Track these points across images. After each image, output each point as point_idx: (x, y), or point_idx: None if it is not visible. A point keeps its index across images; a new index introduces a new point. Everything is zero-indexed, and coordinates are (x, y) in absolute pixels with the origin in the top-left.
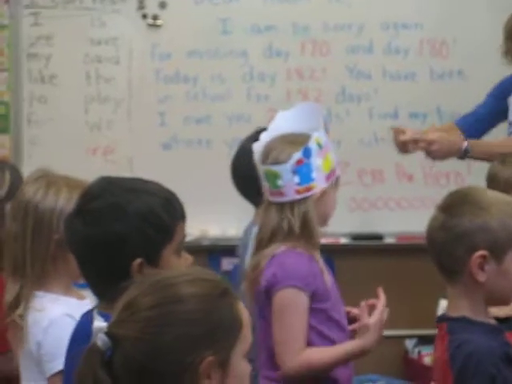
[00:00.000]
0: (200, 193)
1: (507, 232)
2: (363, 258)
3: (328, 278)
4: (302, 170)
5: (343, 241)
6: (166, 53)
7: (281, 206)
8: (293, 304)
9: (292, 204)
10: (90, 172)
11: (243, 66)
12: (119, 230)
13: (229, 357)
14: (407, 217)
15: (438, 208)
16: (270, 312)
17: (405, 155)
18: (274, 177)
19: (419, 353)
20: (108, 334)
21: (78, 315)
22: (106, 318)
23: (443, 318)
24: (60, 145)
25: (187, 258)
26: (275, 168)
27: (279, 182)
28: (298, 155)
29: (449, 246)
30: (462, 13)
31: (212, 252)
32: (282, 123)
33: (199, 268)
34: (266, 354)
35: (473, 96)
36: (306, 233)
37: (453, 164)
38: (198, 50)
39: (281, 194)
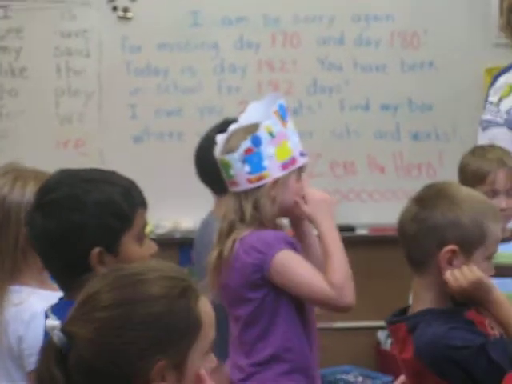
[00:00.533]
0: (172, 185)
1: (478, 229)
2: None
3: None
4: (252, 158)
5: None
6: (136, 45)
7: (237, 196)
8: (290, 259)
9: (246, 193)
10: (61, 165)
11: (214, 58)
12: (77, 219)
13: (185, 359)
14: (379, 208)
15: (412, 200)
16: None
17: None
18: (226, 166)
19: (391, 344)
20: (63, 330)
21: None
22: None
23: (400, 319)
24: (31, 138)
25: (150, 247)
26: (227, 157)
27: (231, 172)
28: (246, 144)
29: (419, 238)
30: (432, 4)
31: (183, 244)
32: (250, 115)
33: (164, 263)
34: (236, 340)
35: (444, 87)
36: (258, 221)
37: (424, 155)
38: (169, 43)
39: (234, 183)
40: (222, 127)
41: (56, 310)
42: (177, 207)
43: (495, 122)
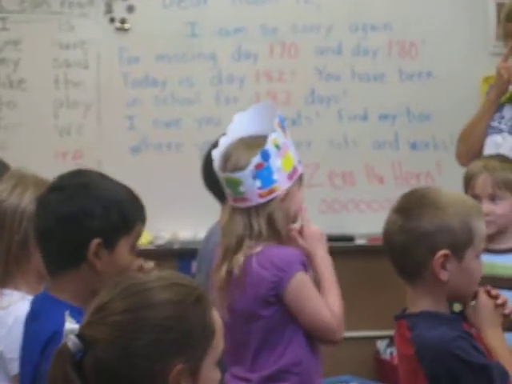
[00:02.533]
0: (170, 196)
1: (466, 230)
2: (334, 259)
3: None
4: (263, 173)
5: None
6: (134, 56)
7: (246, 211)
8: (306, 281)
9: (257, 208)
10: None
11: (212, 69)
12: (87, 206)
13: (200, 365)
14: (378, 218)
15: (394, 210)
16: (266, 306)
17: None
18: (235, 184)
19: (391, 353)
20: (79, 336)
21: None
22: (55, 303)
23: (402, 315)
24: (29, 149)
25: (136, 260)
26: (235, 175)
27: (241, 189)
28: (256, 159)
29: (409, 248)
30: (430, 14)
31: (183, 255)
32: (240, 126)
33: (174, 272)
34: (235, 352)
35: (442, 96)
36: (273, 234)
37: (423, 165)
38: (167, 54)
39: (244, 199)
40: None
41: (37, 301)
42: (175, 218)
43: (499, 128)
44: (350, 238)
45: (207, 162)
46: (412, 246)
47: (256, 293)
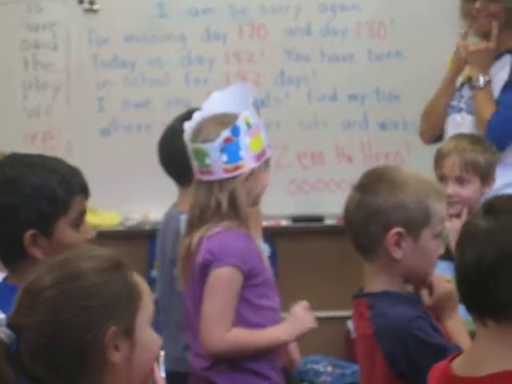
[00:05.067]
0: (140, 178)
1: (422, 210)
2: (304, 239)
3: (265, 258)
4: (230, 148)
5: (284, 223)
6: (103, 38)
7: (209, 185)
8: (227, 283)
9: (220, 182)
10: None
11: (181, 50)
12: (12, 201)
13: (132, 325)
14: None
15: (354, 188)
16: (202, 289)
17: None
18: (202, 155)
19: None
20: (10, 325)
21: None
22: (13, 290)
23: (362, 294)
24: None
25: (87, 232)
26: (204, 146)
27: (207, 161)
28: (226, 133)
29: (365, 224)
30: None
31: (153, 236)
32: (216, 103)
33: (94, 246)
34: (196, 332)
35: (411, 77)
36: (233, 211)
37: (392, 145)
38: (136, 35)
39: (209, 172)
40: (186, 117)
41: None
42: (146, 199)
43: (459, 107)
44: (320, 219)
45: (165, 145)
46: (367, 221)
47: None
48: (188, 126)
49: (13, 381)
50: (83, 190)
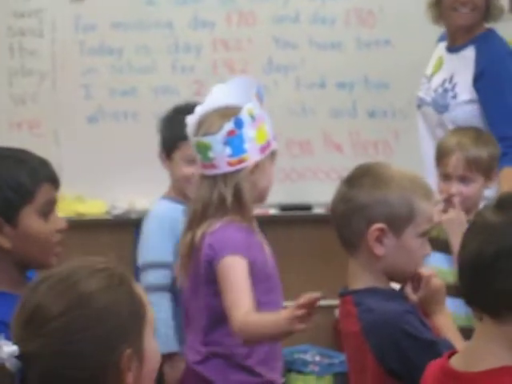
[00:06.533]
0: (127, 166)
1: (406, 207)
2: (292, 228)
3: (268, 251)
4: (234, 141)
5: (272, 211)
6: (90, 25)
7: (213, 179)
8: (232, 268)
9: (225, 176)
10: (15, 146)
11: (168, 38)
12: None
13: (142, 343)
14: (336, 187)
15: (342, 181)
16: (207, 286)
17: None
18: (205, 148)
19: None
20: (19, 356)
21: None
22: None
23: (348, 292)
24: None
25: (57, 222)
26: (206, 139)
27: (210, 154)
28: (229, 126)
29: (347, 218)
30: None
31: (139, 225)
32: (218, 97)
33: (88, 258)
34: (195, 327)
35: (400, 65)
36: (238, 205)
37: (381, 133)
38: (123, 22)
39: (213, 166)
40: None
41: None
42: (132, 187)
43: (426, 101)
44: (308, 207)
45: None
46: (350, 215)
47: (201, 270)
48: (190, 120)
49: None
50: (51, 179)
